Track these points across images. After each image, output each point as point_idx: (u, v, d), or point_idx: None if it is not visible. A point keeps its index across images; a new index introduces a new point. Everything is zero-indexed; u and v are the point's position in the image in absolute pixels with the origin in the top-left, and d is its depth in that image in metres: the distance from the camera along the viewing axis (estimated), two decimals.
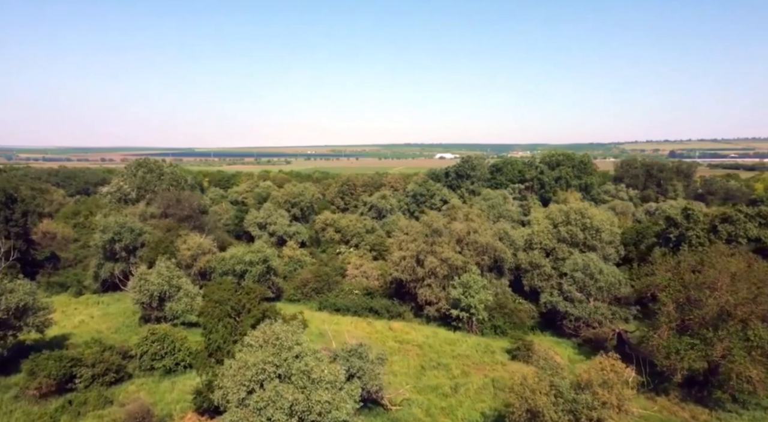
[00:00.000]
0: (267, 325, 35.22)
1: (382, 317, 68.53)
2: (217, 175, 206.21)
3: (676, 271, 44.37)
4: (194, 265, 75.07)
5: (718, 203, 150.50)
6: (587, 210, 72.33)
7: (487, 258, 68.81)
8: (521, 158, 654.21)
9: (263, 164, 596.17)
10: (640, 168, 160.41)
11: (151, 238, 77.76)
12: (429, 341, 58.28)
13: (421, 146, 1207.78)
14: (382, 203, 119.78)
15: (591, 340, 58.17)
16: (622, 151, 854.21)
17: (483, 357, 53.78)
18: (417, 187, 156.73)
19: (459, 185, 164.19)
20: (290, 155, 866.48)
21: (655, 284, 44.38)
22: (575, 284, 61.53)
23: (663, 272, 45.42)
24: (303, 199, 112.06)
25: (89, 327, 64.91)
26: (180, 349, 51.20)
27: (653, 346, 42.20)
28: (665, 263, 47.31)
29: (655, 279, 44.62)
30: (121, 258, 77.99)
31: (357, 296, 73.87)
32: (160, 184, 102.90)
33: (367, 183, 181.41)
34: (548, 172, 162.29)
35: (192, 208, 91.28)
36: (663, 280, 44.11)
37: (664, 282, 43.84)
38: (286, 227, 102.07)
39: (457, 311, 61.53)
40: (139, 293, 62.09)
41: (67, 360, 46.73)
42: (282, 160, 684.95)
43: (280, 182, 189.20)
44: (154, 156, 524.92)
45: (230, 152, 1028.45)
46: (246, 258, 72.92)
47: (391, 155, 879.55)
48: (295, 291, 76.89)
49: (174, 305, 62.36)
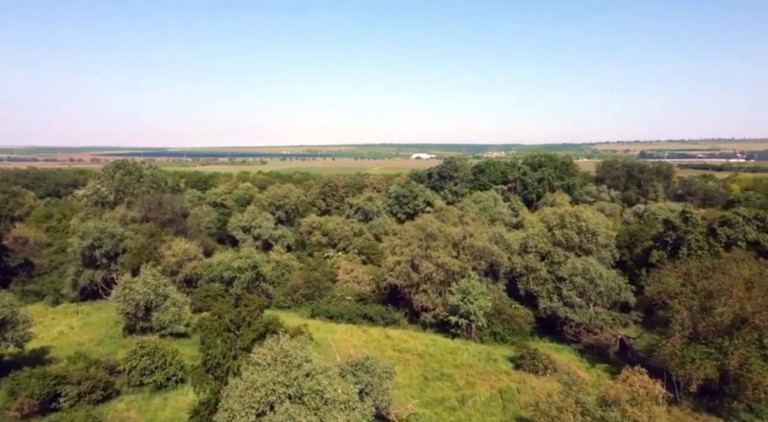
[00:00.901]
0: (274, 341, 33.12)
1: (377, 324, 66.70)
2: (194, 176, 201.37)
3: (687, 277, 43.60)
4: (180, 272, 72.18)
5: (698, 204, 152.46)
6: (582, 213, 71.70)
7: (483, 263, 67.54)
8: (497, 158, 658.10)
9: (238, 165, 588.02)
10: (621, 169, 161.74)
11: (133, 244, 74.51)
12: (429, 349, 56.66)
13: (397, 146, 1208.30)
14: (369, 206, 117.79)
15: (593, 346, 57.31)
16: (594, 151, 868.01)
17: (486, 366, 52.38)
18: (400, 188, 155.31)
19: (442, 186, 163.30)
20: (265, 155, 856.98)
21: (667, 290, 43.43)
22: (575, 289, 60.66)
23: (674, 278, 44.60)
24: (288, 201, 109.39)
25: (70, 339, 61.57)
26: (171, 363, 48.64)
27: (665, 354, 41.28)
28: (675, 270, 46.57)
29: (668, 286, 43.70)
30: (102, 265, 74.60)
31: (350, 302, 71.90)
32: (140, 186, 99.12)
33: (348, 184, 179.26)
34: (531, 173, 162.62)
35: (174, 212, 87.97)
36: (675, 286, 43.27)
37: (676, 289, 43.00)
38: (271, 230, 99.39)
39: (456, 318, 60.03)
40: (123, 303, 59.13)
41: (51, 377, 43.82)
42: (257, 160, 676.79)
43: (260, 184, 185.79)
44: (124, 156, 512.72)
45: (204, 151, 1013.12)
46: (234, 264, 70.37)
47: (367, 155, 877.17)
48: (285, 298, 74.52)
49: (161, 316, 59.63)
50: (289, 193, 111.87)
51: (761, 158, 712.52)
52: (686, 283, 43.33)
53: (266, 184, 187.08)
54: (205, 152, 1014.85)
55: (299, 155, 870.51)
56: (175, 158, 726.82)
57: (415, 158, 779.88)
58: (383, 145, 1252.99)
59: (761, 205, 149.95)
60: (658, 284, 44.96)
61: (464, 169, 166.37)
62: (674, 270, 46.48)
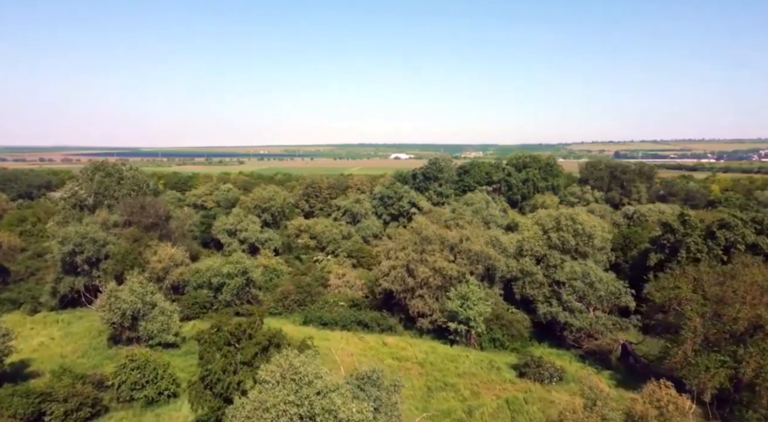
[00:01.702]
0: (282, 357, 31.24)
1: (373, 330, 65.00)
2: (172, 177, 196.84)
3: (698, 283, 42.92)
4: (166, 278, 69.53)
5: (680, 204, 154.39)
6: (578, 216, 71.00)
7: (480, 267, 66.35)
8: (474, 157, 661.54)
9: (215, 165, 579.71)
10: (605, 170, 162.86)
11: (116, 249, 71.54)
12: (429, 357, 55.16)
13: (375, 146, 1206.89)
14: (357, 208, 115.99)
15: (595, 352, 56.51)
16: (570, 152, 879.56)
17: (489, 374, 51.06)
18: (384, 189, 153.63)
19: (427, 187, 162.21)
20: (242, 155, 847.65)
21: (679, 297, 42.59)
22: (575, 294, 59.85)
23: (685, 284, 43.88)
24: (274, 204, 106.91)
25: (51, 351, 58.63)
26: (163, 377, 46.27)
27: (677, 362, 40.49)
28: (685, 275, 45.90)
29: (680, 292, 42.89)
30: (83, 272, 71.56)
31: (343, 308, 70.05)
32: (120, 189, 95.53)
33: (332, 185, 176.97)
34: (515, 174, 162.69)
35: (158, 215, 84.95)
36: (686, 292, 42.51)
37: (687, 295, 42.24)
38: (257, 233, 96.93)
39: (455, 325, 58.63)
40: (109, 312, 56.36)
41: (35, 395, 41.32)
42: (234, 160, 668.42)
43: (242, 185, 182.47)
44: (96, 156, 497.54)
45: (179, 151, 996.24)
46: (224, 270, 68.03)
47: (345, 155, 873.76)
48: (276, 304, 72.30)
49: (149, 325, 57.00)
50: (275, 195, 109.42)
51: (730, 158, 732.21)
52: (697, 289, 42.63)
53: (248, 185, 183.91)
54: (181, 151, 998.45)
55: (277, 155, 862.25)
56: (149, 158, 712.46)
57: (394, 158, 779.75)
58: (361, 145, 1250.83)
59: (741, 205, 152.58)
60: (669, 290, 44.17)
61: (449, 170, 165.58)
62: (684, 276, 45.81)
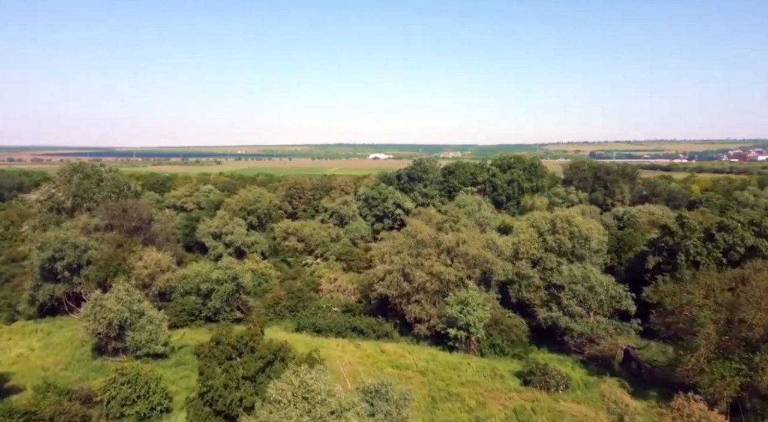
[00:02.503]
0: (293, 373, 29.40)
1: (369, 337, 63.30)
2: (150, 177, 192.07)
3: (710, 289, 42.25)
4: (152, 285, 66.80)
5: (662, 205, 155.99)
6: (574, 218, 70.41)
7: (478, 271, 65.14)
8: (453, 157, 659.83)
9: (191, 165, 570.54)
10: (588, 171, 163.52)
11: (98, 255, 68.55)
12: (430, 365, 53.61)
13: (354, 146, 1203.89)
14: (344, 210, 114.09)
15: (597, 357, 55.67)
16: (547, 152, 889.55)
17: (493, 383, 49.76)
18: (369, 190, 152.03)
19: (412, 188, 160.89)
20: (219, 155, 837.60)
21: (691, 303, 41.80)
22: (575, 298, 59.02)
23: (697, 289, 43.17)
24: (260, 206, 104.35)
25: (31, 363, 55.48)
26: (155, 391, 43.81)
27: (689, 370, 39.70)
28: (696, 280, 45.23)
29: (693, 298, 42.11)
30: (64, 278, 68.39)
31: (337, 314, 68.21)
32: (100, 191, 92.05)
33: (315, 186, 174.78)
34: (500, 175, 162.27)
35: (141, 219, 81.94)
36: (699, 298, 41.79)
37: (699, 301, 41.50)
38: (243, 236, 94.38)
39: (454, 331, 57.27)
40: (94, 322, 53.58)
41: (19, 413, 38.52)
42: (211, 160, 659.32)
43: (223, 186, 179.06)
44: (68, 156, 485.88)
45: (154, 151, 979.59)
46: (213, 276, 65.55)
47: (324, 155, 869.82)
48: (267, 310, 70.11)
49: (136, 335, 54.37)
50: (261, 197, 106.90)
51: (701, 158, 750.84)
52: (708, 294, 41.97)
53: (229, 186, 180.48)
54: (156, 151, 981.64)
55: (254, 155, 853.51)
56: (123, 158, 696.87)
57: (373, 158, 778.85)
58: (339, 145, 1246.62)
59: (721, 205, 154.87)
60: (680, 296, 43.40)
61: (434, 170, 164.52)
62: (695, 281, 45.15)
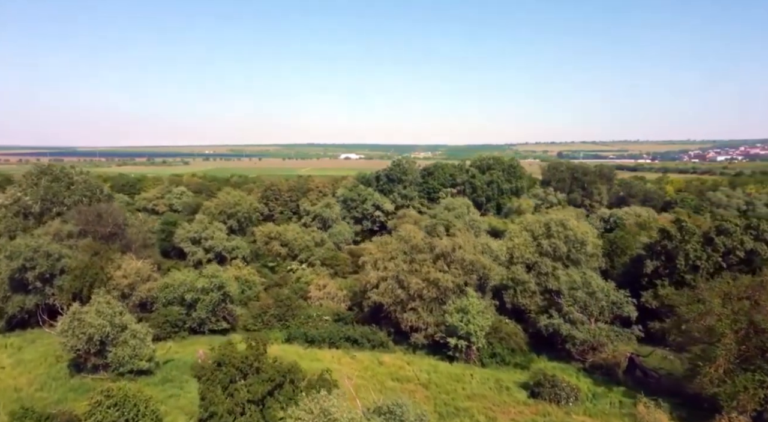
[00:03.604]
0: (312, 400, 27.01)
1: (363, 347, 60.88)
2: (119, 179, 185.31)
3: (727, 297, 41.34)
4: (132, 295, 63.06)
5: (638, 205, 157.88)
6: (569, 221, 69.49)
7: (474, 277, 63.42)
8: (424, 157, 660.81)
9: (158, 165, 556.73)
10: (566, 172, 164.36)
11: (73, 263, 64.42)
12: (432, 378, 51.50)
13: (324, 146, 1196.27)
14: (327, 213, 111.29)
15: (601, 366, 54.44)
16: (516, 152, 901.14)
17: (500, 395, 47.93)
18: (347, 192, 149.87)
19: (391, 189, 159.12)
20: (186, 154, 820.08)
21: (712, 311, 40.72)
22: (576, 304, 57.82)
23: (716, 297, 42.19)
24: (240, 209, 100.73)
25: (2, 383, 51.18)
26: (145, 414, 40.41)
27: (708, 382, 38.61)
28: (711, 288, 44.33)
29: (711, 307, 41.06)
30: (35, 289, 64.05)
31: (329, 323, 65.64)
32: (71, 195, 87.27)
33: (292, 188, 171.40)
34: (480, 176, 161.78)
35: (116, 224, 77.87)
36: (717, 306, 40.81)
37: (718, 309, 40.52)
38: (224, 241, 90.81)
39: (454, 340, 55.30)
40: (73, 338, 49.77)
41: None
42: (179, 160, 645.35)
43: (196, 188, 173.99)
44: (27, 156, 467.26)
45: (118, 151, 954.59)
46: (198, 285, 62.20)
47: (294, 155, 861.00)
48: (255, 320, 67.04)
49: (119, 351, 50.79)
50: (241, 200, 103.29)
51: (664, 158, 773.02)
52: (725, 302, 41.05)
53: (202, 188, 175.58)
54: (120, 151, 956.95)
55: (223, 155, 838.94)
56: (86, 158, 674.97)
57: (344, 158, 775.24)
58: (310, 145, 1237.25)
59: (695, 206, 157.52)
60: (697, 306, 42.31)
61: (413, 172, 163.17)
62: (711, 289, 44.26)
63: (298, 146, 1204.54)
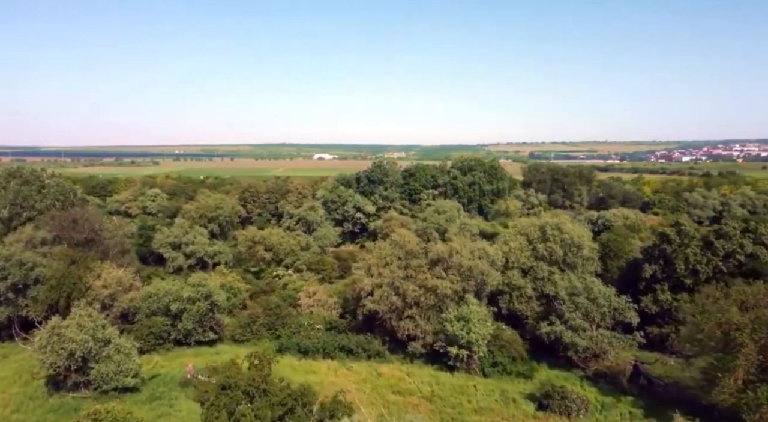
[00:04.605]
0: None
1: (359, 357, 58.59)
2: (89, 181, 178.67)
3: (745, 305, 40.45)
4: (114, 306, 59.62)
5: (618, 206, 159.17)
6: (564, 225, 68.48)
7: (472, 283, 61.72)
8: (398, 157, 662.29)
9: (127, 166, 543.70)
10: (547, 173, 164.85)
11: (49, 273, 60.62)
12: (435, 390, 49.52)
13: (297, 146, 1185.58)
14: (312, 216, 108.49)
15: (605, 374, 53.25)
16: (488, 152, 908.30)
17: (507, 408, 46.16)
18: (328, 193, 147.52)
19: (372, 191, 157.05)
20: (156, 154, 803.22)
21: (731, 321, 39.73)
22: (577, 310, 56.63)
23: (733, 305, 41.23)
24: (221, 213, 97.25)
25: None
26: None
27: (727, 393, 37.58)
28: (727, 296, 43.39)
29: (731, 315, 40.10)
30: (7, 301, 60.16)
31: (321, 332, 63.18)
32: (43, 199, 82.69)
33: (271, 189, 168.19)
34: (461, 177, 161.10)
35: (93, 230, 73.96)
36: (736, 315, 39.87)
37: (737, 318, 39.55)
38: (206, 246, 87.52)
39: (455, 350, 53.41)
40: (52, 354, 46.36)
41: None
42: (148, 160, 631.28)
43: (170, 190, 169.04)
44: None
45: (85, 151, 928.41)
46: (184, 294, 59.08)
47: (267, 155, 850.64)
48: (243, 330, 64.12)
49: (102, 367, 47.57)
50: (223, 203, 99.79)
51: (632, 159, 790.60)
52: (743, 310, 40.15)
53: (177, 190, 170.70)
54: (86, 151, 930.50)
55: (194, 155, 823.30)
56: (51, 158, 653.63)
57: (318, 158, 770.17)
58: (282, 145, 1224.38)
59: (673, 207, 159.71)
60: (714, 315, 41.26)
61: (394, 173, 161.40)
62: (727, 297, 43.34)
63: (270, 145, 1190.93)
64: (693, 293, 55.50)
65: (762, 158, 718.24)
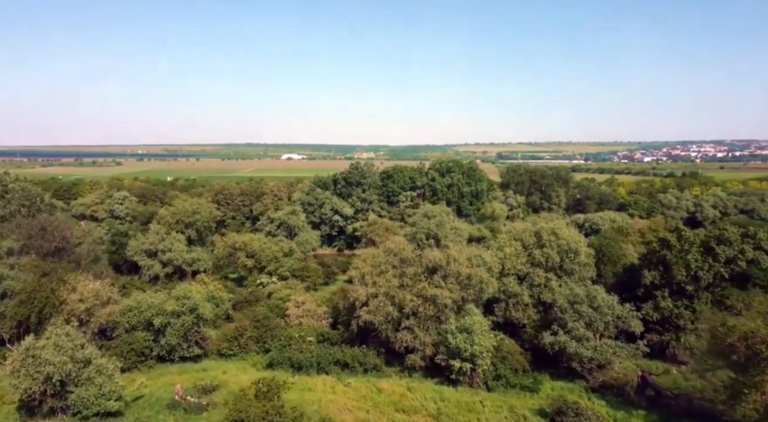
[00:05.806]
0: None
1: (355, 372, 55.95)
2: (51, 183, 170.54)
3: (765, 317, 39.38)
4: (91, 321, 55.43)
5: (595, 208, 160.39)
6: (561, 230, 67.19)
7: (471, 292, 59.67)
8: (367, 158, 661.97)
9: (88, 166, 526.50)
10: (525, 175, 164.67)
11: (18, 286, 55.99)
12: (441, 407, 47.09)
13: (264, 146, 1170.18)
14: (293, 220, 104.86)
15: (611, 385, 51.75)
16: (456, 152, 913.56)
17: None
18: (304, 196, 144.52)
19: (350, 193, 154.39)
20: (118, 154, 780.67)
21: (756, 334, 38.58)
22: (581, 319, 55.18)
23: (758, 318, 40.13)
24: (199, 218, 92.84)
25: None
26: None
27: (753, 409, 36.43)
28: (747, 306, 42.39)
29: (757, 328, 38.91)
30: None
31: (313, 344, 60.15)
32: (6, 205, 77.22)
33: (245, 192, 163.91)
34: (440, 179, 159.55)
35: (63, 238, 69.26)
36: (762, 328, 38.71)
37: (763, 331, 38.42)
38: (184, 253, 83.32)
39: (458, 363, 51.26)
40: (27, 378, 42.25)
41: None
42: (110, 160, 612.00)
43: (139, 192, 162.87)
44: None
45: (41, 150, 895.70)
46: (168, 308, 55.36)
47: (234, 155, 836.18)
48: (230, 343, 60.67)
49: (82, 391, 43.63)
50: (200, 208, 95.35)
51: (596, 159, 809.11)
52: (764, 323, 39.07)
53: (146, 192, 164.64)
54: (43, 150, 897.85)
55: (157, 155, 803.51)
56: (5, 158, 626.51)
57: (286, 158, 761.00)
58: (248, 144, 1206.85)
59: (648, 208, 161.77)
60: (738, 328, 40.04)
61: (371, 175, 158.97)
62: (748, 307, 42.33)
63: (236, 145, 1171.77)
64: (693, 300, 54.68)
65: (718, 158, 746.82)
